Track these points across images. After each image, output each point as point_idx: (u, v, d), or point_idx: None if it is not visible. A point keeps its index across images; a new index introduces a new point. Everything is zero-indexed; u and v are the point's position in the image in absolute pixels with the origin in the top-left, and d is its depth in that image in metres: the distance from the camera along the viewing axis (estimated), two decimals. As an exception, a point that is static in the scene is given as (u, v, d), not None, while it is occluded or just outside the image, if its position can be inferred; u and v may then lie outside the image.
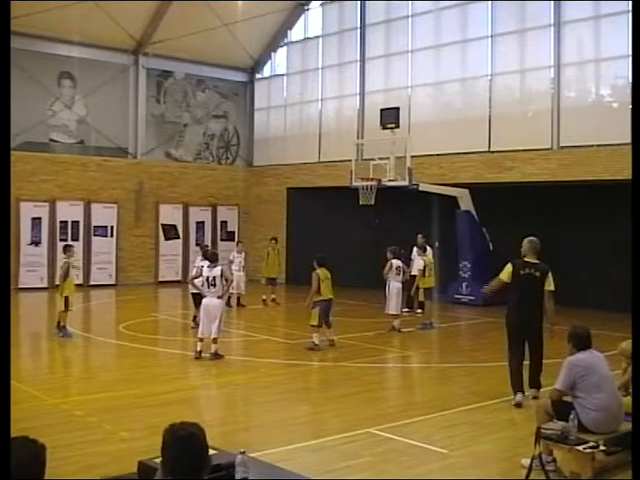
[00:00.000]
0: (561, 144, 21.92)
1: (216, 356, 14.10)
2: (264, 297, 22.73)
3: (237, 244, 23.96)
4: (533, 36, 23.01)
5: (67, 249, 17.69)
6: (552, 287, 11.06)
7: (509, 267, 11.26)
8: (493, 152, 23.36)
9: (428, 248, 20.47)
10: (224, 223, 31.19)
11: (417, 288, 19.46)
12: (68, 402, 10.85)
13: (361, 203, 22.05)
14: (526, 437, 8.20)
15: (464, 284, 23.38)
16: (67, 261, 17.09)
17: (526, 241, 11.47)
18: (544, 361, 11.31)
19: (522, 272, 11.17)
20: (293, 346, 16.14)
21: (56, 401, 10.91)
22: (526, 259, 11.34)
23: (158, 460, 4.90)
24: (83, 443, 8.74)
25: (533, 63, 22.99)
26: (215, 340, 14.15)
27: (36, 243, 26.39)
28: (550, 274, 11.13)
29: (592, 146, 20.84)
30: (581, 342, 8.11)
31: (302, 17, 30.29)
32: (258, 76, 32.18)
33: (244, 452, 5.22)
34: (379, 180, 21.90)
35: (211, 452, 4.07)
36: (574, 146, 21.41)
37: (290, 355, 15.17)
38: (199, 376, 13.29)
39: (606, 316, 18.68)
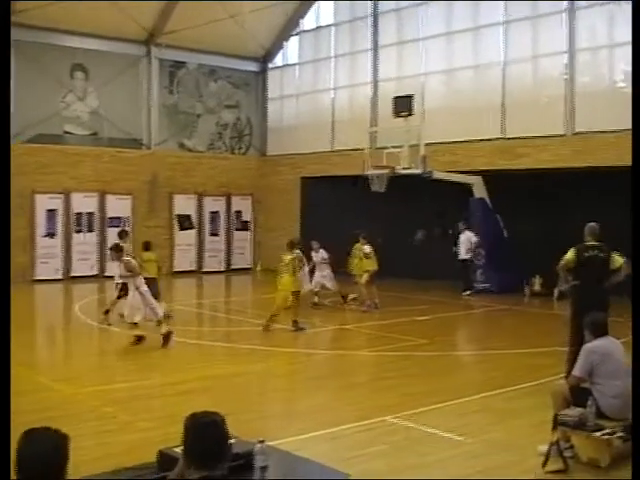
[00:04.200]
0: (575, 130, 21.81)
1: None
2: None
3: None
4: (546, 22, 22.88)
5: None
6: (618, 265, 11.22)
7: (572, 251, 11.37)
8: (507, 139, 23.28)
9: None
10: (238, 213, 31.22)
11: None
12: (84, 392, 10.90)
13: (373, 190, 22.03)
14: (543, 424, 8.17)
15: (479, 272, 23.33)
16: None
17: (586, 226, 11.58)
18: (565, 348, 11.26)
19: (586, 254, 11.33)
20: (308, 335, 16.14)
21: (72, 391, 10.97)
22: (588, 243, 11.47)
23: (178, 449, 4.93)
24: (100, 433, 8.77)
25: (546, 49, 22.86)
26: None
27: (51, 235, 26.49)
28: (615, 254, 11.29)
29: (606, 132, 20.72)
30: (598, 329, 8.09)
31: (314, 5, 30.18)
32: (270, 65, 32.13)
33: (263, 441, 5.24)
34: (393, 168, 21.86)
35: (230, 441, 4.07)
36: (588, 132, 21.30)
37: (305, 344, 15.18)
38: (215, 365, 13.30)
39: (623, 304, 18.57)
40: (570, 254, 11.42)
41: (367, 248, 19.32)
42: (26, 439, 3.67)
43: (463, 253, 22.94)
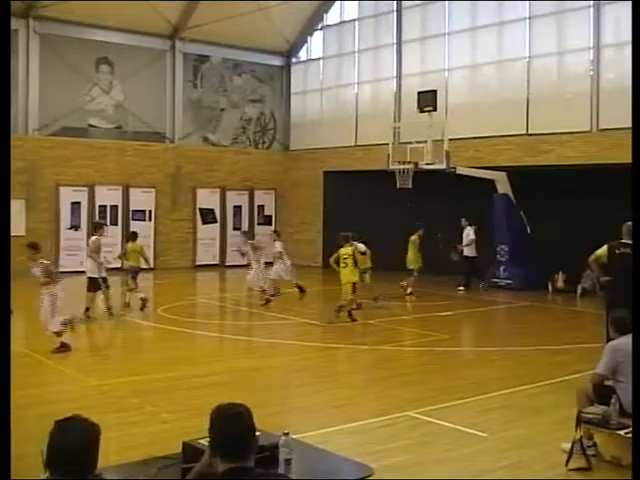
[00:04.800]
0: (600, 127, 21.69)
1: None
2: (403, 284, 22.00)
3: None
4: (571, 17, 22.77)
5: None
6: None
7: (604, 247, 11.66)
8: (531, 135, 23.19)
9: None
10: (261, 207, 31.27)
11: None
12: (109, 384, 10.98)
13: (399, 186, 22.02)
14: (566, 421, 8.16)
15: (501, 268, 23.27)
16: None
17: (624, 225, 11.87)
18: (588, 345, 11.27)
19: (617, 251, 11.65)
20: (330, 329, 16.18)
21: (97, 383, 11.05)
22: (623, 240, 11.75)
23: (203, 441, 4.97)
24: (125, 424, 8.83)
25: (572, 45, 22.76)
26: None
27: (76, 227, 26.66)
28: None
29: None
30: (622, 326, 8.05)
31: (338, 0, 30.16)
32: (294, 60, 32.16)
33: (288, 433, 5.26)
34: (416, 163, 21.84)
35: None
36: (614, 128, 21.15)
37: (327, 338, 15.22)
38: (238, 359, 13.36)
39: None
40: (602, 250, 11.63)
41: (362, 246, 18.56)
42: (59, 429, 3.72)
43: (465, 249, 22.99)
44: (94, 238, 17.28)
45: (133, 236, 19.74)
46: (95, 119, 27.93)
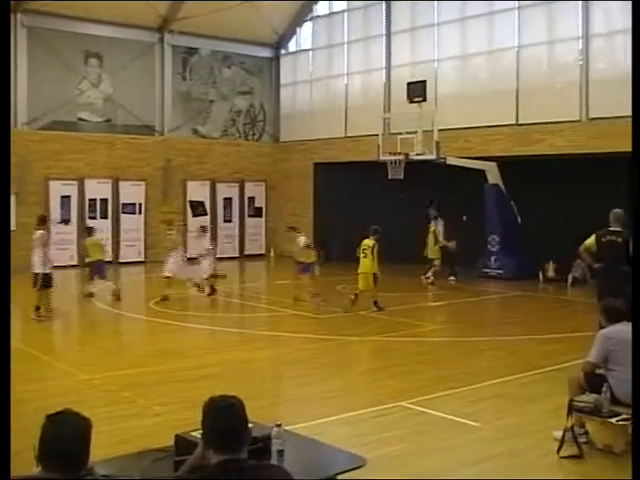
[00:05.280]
0: (590, 116, 21.72)
1: None
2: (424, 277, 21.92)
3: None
4: (561, 7, 22.75)
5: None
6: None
7: (592, 237, 11.93)
8: (521, 125, 23.20)
9: None
10: (251, 199, 31.23)
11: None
12: (100, 378, 10.95)
13: (390, 177, 22.02)
14: (558, 410, 8.18)
15: (492, 258, 23.33)
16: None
17: (611, 212, 11.99)
18: (579, 334, 11.33)
19: (604, 239, 11.78)
20: (321, 320, 16.20)
21: (89, 377, 11.03)
22: (610, 228, 11.88)
23: (195, 433, 4.98)
24: (117, 417, 8.83)
25: (561, 34, 22.75)
26: None
27: (66, 221, 26.57)
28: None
29: (622, 117, 20.59)
30: (614, 315, 8.07)
31: (327, -9, 30.13)
32: (283, 51, 32.09)
33: (280, 425, 5.26)
34: (406, 154, 21.83)
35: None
36: (603, 118, 21.19)
37: (318, 330, 15.22)
38: (230, 351, 13.36)
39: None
40: (590, 239, 11.75)
41: (303, 239, 18.70)
42: (50, 423, 3.72)
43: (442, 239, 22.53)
44: (40, 232, 16.26)
45: (89, 231, 20.09)
46: (84, 113, 27.83)
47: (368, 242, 17.46)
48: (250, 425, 4.06)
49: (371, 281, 17.25)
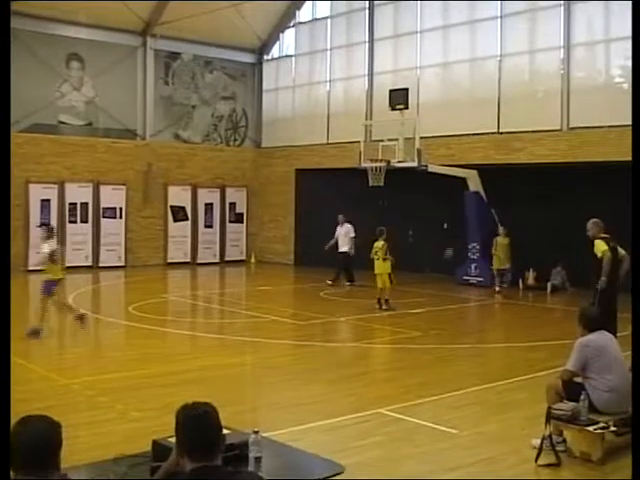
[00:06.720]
0: (571, 125, 21.84)
1: None
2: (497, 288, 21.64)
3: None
4: (543, 16, 22.88)
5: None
6: (620, 256, 12.58)
7: (604, 244, 12.44)
8: (502, 133, 23.30)
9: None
10: (232, 204, 31.17)
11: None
12: (79, 382, 10.89)
13: (371, 184, 22.02)
14: (537, 417, 8.20)
15: (473, 265, 23.39)
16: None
17: (593, 222, 12.37)
18: (559, 342, 11.44)
19: (611, 244, 12.55)
20: (302, 327, 16.17)
21: (67, 381, 10.96)
22: (603, 236, 12.54)
23: (172, 439, 4.94)
24: (95, 423, 8.78)
25: (543, 43, 22.86)
26: None
27: (45, 225, 26.36)
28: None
29: (602, 127, 20.73)
30: (592, 323, 8.11)
31: (310, -2, 30.16)
32: (266, 57, 32.09)
33: (257, 431, 5.24)
34: (388, 161, 21.85)
35: (224, 431, 4.08)
36: (584, 127, 21.32)
37: (299, 336, 15.20)
38: (209, 357, 13.30)
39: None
40: (603, 245, 12.17)
41: (47, 247, 14.57)
42: (20, 427, 3.71)
43: (342, 245, 23.18)
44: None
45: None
46: (65, 116, 27.72)
47: (378, 244, 18.50)
48: (227, 432, 4.06)
49: (387, 280, 18.30)
